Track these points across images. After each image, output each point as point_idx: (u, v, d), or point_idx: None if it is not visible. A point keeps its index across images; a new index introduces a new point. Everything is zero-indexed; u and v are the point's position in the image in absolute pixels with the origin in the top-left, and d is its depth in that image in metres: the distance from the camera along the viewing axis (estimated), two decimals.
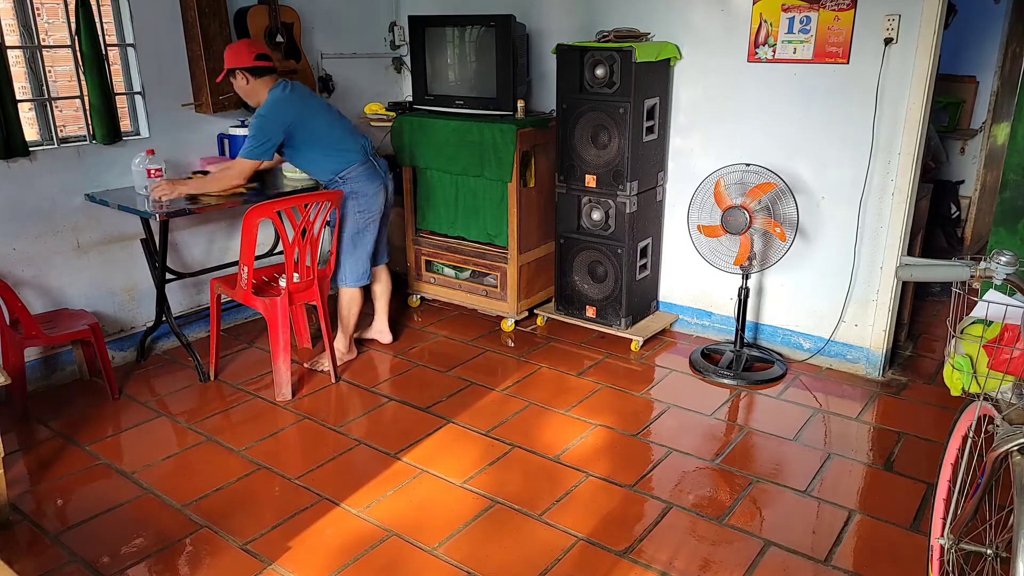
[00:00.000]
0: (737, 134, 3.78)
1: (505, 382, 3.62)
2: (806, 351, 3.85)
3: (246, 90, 3.44)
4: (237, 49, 3.41)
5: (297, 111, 3.40)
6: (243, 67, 3.38)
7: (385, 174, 3.67)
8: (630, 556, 2.45)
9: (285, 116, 3.37)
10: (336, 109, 3.64)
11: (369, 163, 3.58)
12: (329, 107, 3.61)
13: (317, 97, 3.63)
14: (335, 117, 3.57)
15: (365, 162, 3.56)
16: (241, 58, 3.38)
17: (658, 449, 3.07)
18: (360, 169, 3.55)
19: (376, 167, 3.62)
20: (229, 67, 3.40)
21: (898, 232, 3.47)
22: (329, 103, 3.66)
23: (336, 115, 3.59)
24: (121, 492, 2.78)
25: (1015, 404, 1.79)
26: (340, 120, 3.58)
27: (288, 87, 3.45)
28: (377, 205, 3.64)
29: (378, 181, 3.61)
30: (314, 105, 3.51)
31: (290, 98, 3.41)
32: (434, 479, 2.87)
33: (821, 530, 2.58)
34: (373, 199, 3.60)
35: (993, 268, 1.70)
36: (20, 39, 3.39)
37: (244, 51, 3.39)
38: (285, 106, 3.38)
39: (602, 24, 4.00)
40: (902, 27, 3.25)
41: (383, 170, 3.66)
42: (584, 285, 4.06)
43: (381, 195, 3.64)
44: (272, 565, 2.41)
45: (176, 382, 3.63)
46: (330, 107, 3.62)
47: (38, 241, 3.46)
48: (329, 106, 3.62)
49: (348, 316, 3.76)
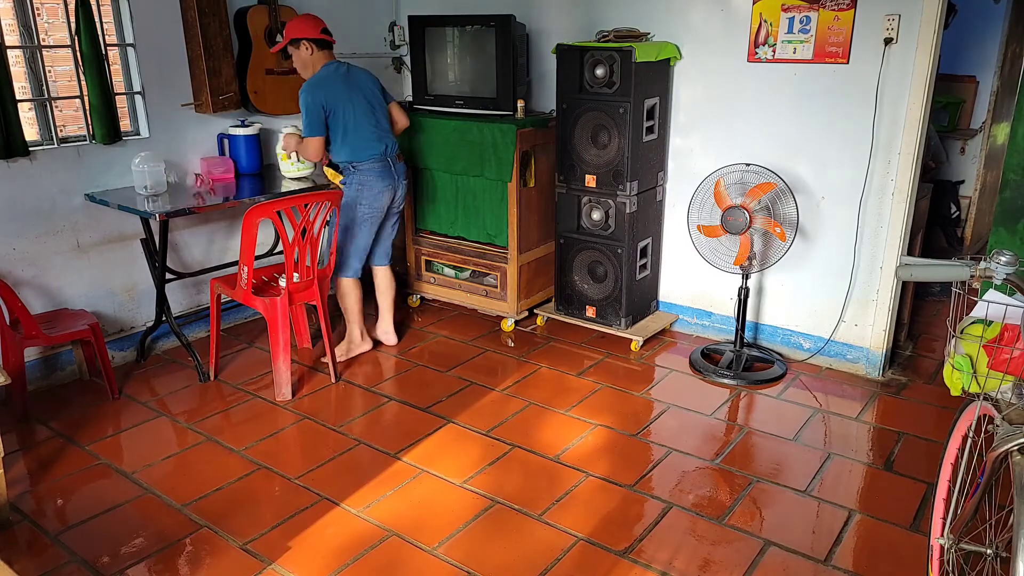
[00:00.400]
0: (737, 134, 3.78)
1: (505, 382, 3.62)
2: (806, 351, 3.85)
3: (306, 60, 3.54)
4: (304, 21, 3.52)
5: (329, 94, 3.48)
6: (310, 37, 3.48)
7: (398, 178, 3.68)
8: (630, 556, 2.45)
9: (317, 96, 3.46)
10: (378, 103, 3.63)
11: (384, 162, 3.61)
12: (370, 100, 3.59)
13: (365, 86, 3.60)
14: (368, 111, 3.57)
15: (380, 160, 3.60)
16: (308, 29, 3.50)
17: (658, 449, 3.07)
18: (374, 165, 3.59)
19: (391, 168, 3.63)
20: (296, 36, 3.49)
21: (898, 232, 3.47)
22: (376, 95, 3.63)
23: (371, 109, 3.58)
24: (121, 492, 2.78)
25: (1015, 404, 1.79)
26: (372, 116, 3.58)
27: (337, 68, 3.53)
28: (380, 204, 3.64)
29: (387, 181, 3.63)
30: (352, 93, 3.53)
31: (327, 80, 3.49)
32: (434, 479, 2.87)
33: (821, 530, 2.58)
34: (377, 197, 3.62)
35: (993, 268, 1.70)
36: (20, 39, 3.39)
37: (312, 23, 3.51)
38: (318, 87, 3.48)
39: (602, 24, 4.01)
40: (902, 27, 3.25)
41: (397, 174, 3.67)
42: (584, 285, 4.06)
43: (386, 196, 3.65)
44: (272, 565, 2.41)
45: (176, 382, 3.63)
46: (372, 100, 3.60)
47: (38, 241, 3.46)
48: (372, 98, 3.61)
49: (344, 306, 3.81)
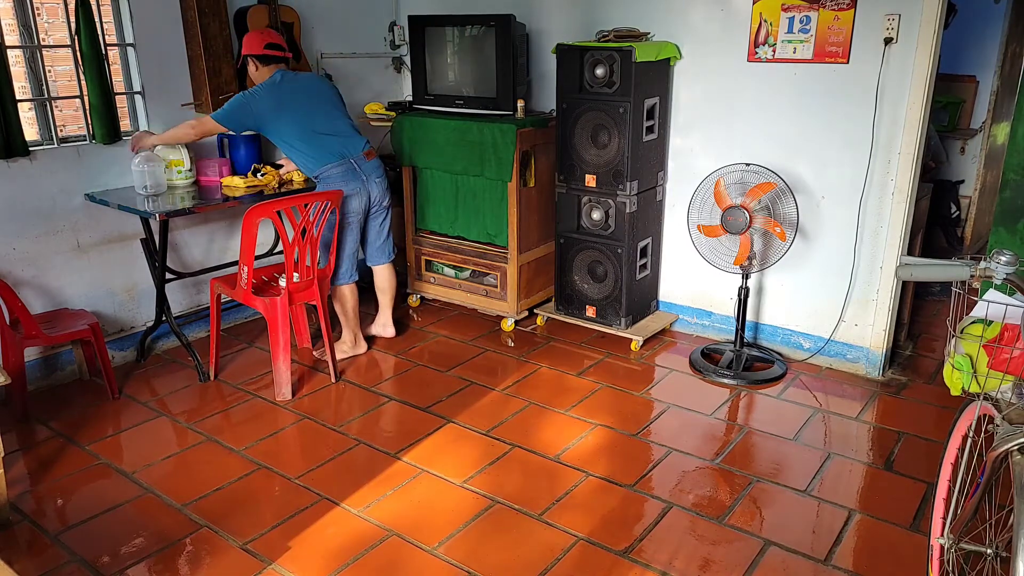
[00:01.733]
0: (737, 134, 3.78)
1: (505, 382, 3.62)
2: (806, 351, 3.85)
3: (255, 76, 3.57)
4: (251, 37, 3.55)
5: (270, 105, 3.45)
6: (253, 54, 3.52)
7: (368, 178, 3.62)
8: (630, 556, 2.45)
9: (256, 105, 3.44)
10: (334, 108, 3.62)
11: (347, 165, 3.56)
12: (322, 106, 3.57)
13: (316, 94, 3.58)
14: (321, 117, 3.54)
15: (341, 164, 3.55)
16: (252, 46, 3.52)
17: (658, 449, 3.07)
18: (335, 170, 3.55)
19: (356, 169, 3.58)
20: (243, 53, 3.53)
21: (898, 232, 3.47)
22: (330, 101, 3.62)
23: (325, 114, 3.56)
24: (121, 492, 2.78)
25: (1015, 404, 1.79)
26: (327, 121, 3.55)
27: (281, 78, 3.50)
28: (353, 207, 3.63)
29: (355, 183, 3.59)
30: (299, 102, 3.50)
31: (269, 90, 3.47)
32: (434, 479, 2.87)
33: (821, 530, 2.58)
34: (347, 200, 3.61)
35: (993, 268, 1.70)
36: (20, 39, 3.39)
37: (256, 39, 3.53)
38: (260, 96, 3.45)
39: (602, 24, 4.00)
40: (902, 27, 3.24)
41: (365, 173, 3.61)
42: (584, 285, 4.06)
43: (358, 198, 3.62)
44: (272, 565, 2.41)
45: (176, 382, 3.63)
46: (326, 105, 3.58)
47: (38, 241, 3.46)
48: (325, 104, 3.59)
49: (340, 312, 3.84)
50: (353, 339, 3.89)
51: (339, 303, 3.81)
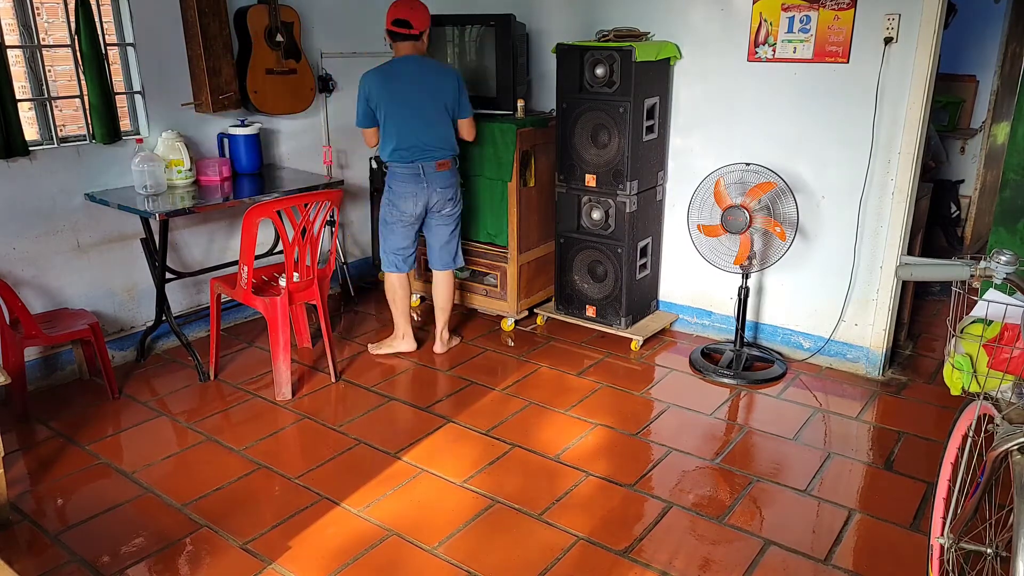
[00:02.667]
0: (737, 133, 3.78)
1: (505, 382, 3.62)
2: (806, 350, 3.85)
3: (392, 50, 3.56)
4: (389, 9, 3.46)
5: (371, 90, 3.48)
6: (386, 28, 3.50)
7: (430, 186, 3.56)
8: (630, 555, 2.45)
9: (362, 90, 3.51)
10: (433, 107, 3.50)
11: (413, 167, 3.52)
12: (422, 101, 3.47)
13: (424, 86, 3.47)
14: (409, 112, 3.46)
15: (408, 164, 3.53)
16: (387, 19, 3.46)
17: (658, 448, 3.07)
18: (401, 168, 3.55)
19: (420, 175, 3.53)
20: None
21: (898, 231, 3.47)
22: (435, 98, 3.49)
23: (417, 112, 3.47)
24: (121, 492, 2.78)
25: (1015, 403, 1.79)
26: (412, 118, 3.47)
27: (390, 64, 3.49)
28: (406, 209, 3.61)
29: (412, 187, 3.56)
30: (395, 91, 3.45)
31: (373, 75, 3.49)
32: (434, 479, 2.87)
33: (821, 529, 2.58)
34: (402, 200, 3.59)
35: (993, 267, 1.70)
36: (20, 38, 3.39)
37: (390, 13, 3.45)
38: (364, 82, 3.50)
39: (602, 23, 4.00)
40: (902, 26, 3.24)
41: (429, 181, 3.55)
42: (584, 284, 4.06)
43: (411, 202, 3.59)
44: (272, 565, 2.41)
45: (176, 382, 3.63)
46: (425, 102, 3.48)
47: (38, 241, 3.46)
48: (427, 100, 3.48)
49: (390, 301, 3.85)
50: (400, 334, 3.89)
51: (387, 290, 3.85)
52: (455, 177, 3.69)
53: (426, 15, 3.46)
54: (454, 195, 3.70)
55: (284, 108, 4.17)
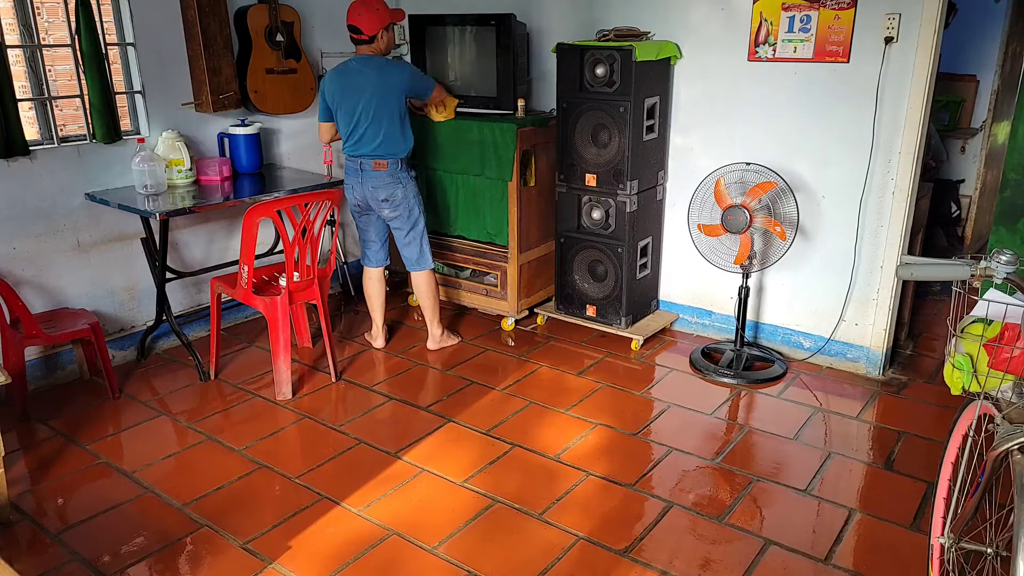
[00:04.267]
0: (737, 133, 3.78)
1: (505, 381, 3.62)
2: (806, 350, 3.85)
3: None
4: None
5: (327, 87, 3.57)
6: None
7: (365, 182, 3.61)
8: (630, 555, 2.45)
9: (321, 86, 3.63)
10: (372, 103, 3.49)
11: (355, 161, 3.61)
12: (363, 98, 3.48)
13: (366, 83, 3.48)
14: (356, 109, 3.50)
15: (352, 158, 3.62)
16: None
17: (658, 448, 3.07)
18: (348, 161, 3.66)
19: (358, 170, 3.61)
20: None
21: (898, 231, 3.46)
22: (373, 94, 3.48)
23: (360, 108, 3.49)
24: (121, 491, 2.78)
25: (1015, 403, 1.79)
26: (358, 115, 3.50)
27: (346, 63, 3.56)
28: (351, 200, 3.74)
29: (352, 180, 3.66)
30: (346, 88, 3.50)
31: (331, 73, 3.58)
32: (434, 478, 2.87)
33: (821, 529, 2.58)
34: (348, 191, 3.73)
35: (994, 267, 1.70)
36: (20, 38, 3.39)
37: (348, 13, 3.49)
38: (324, 79, 3.62)
39: (602, 23, 4.00)
40: (902, 26, 3.24)
41: (362, 178, 3.60)
42: (584, 284, 4.05)
43: (351, 194, 3.70)
44: (272, 564, 2.41)
45: (176, 381, 3.63)
46: (367, 99, 3.48)
47: (38, 240, 3.46)
48: (367, 98, 3.48)
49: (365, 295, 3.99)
50: (373, 329, 4.00)
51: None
52: (395, 181, 3.61)
53: (376, 18, 3.46)
54: (390, 197, 3.62)
55: (284, 108, 4.18)
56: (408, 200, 3.68)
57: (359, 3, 3.46)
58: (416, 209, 3.73)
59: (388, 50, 3.62)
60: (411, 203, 3.70)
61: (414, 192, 3.71)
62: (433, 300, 3.90)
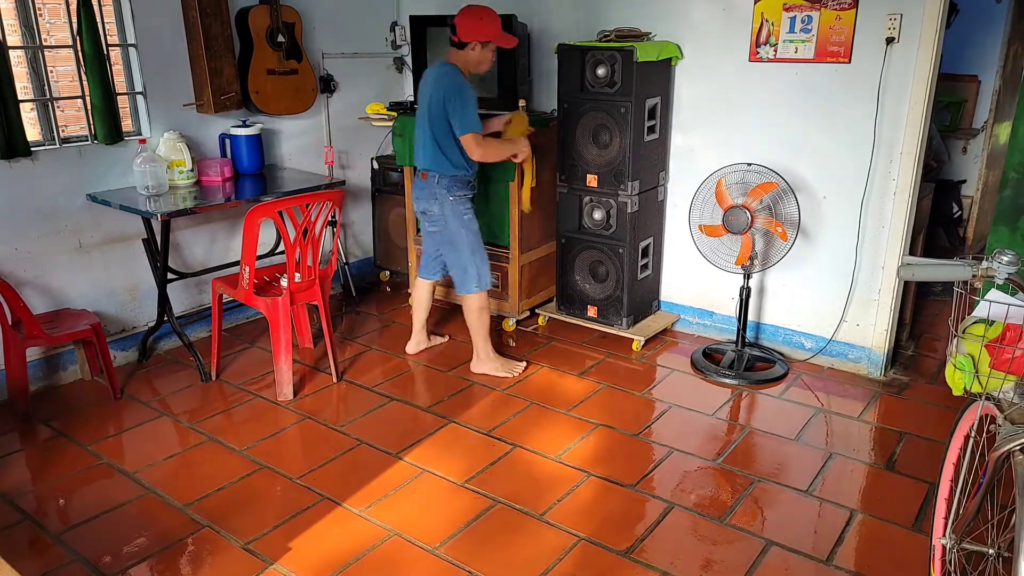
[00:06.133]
0: (738, 134, 3.78)
1: (506, 382, 3.62)
2: (808, 351, 3.85)
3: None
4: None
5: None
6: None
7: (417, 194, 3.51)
8: (631, 556, 2.45)
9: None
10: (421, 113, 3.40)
11: (413, 172, 3.50)
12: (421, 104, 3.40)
13: (424, 86, 3.39)
14: (419, 114, 3.42)
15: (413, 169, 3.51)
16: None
17: (659, 449, 3.07)
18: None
19: (416, 181, 3.51)
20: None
21: (900, 232, 3.46)
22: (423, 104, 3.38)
23: (421, 113, 3.41)
24: (123, 492, 2.79)
25: (1017, 404, 1.79)
26: (419, 119, 3.43)
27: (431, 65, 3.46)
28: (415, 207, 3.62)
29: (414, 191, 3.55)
30: (420, 90, 3.42)
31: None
32: (435, 479, 2.87)
33: (823, 530, 2.58)
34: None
35: (995, 267, 1.70)
36: (22, 39, 3.39)
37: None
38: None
39: (603, 24, 4.00)
40: (904, 26, 3.24)
41: (418, 189, 3.50)
42: (585, 285, 4.05)
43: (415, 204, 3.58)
44: (273, 565, 2.41)
45: (178, 382, 3.63)
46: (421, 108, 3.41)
47: (40, 241, 3.46)
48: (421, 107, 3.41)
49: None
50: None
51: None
52: (431, 195, 3.44)
53: (476, 28, 3.27)
54: (427, 211, 3.48)
55: (285, 108, 4.18)
56: (446, 219, 3.45)
57: (472, 7, 3.32)
58: (459, 232, 3.47)
59: (477, 67, 3.37)
60: (451, 224, 3.46)
61: (452, 212, 3.44)
62: (474, 321, 3.63)
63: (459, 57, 3.34)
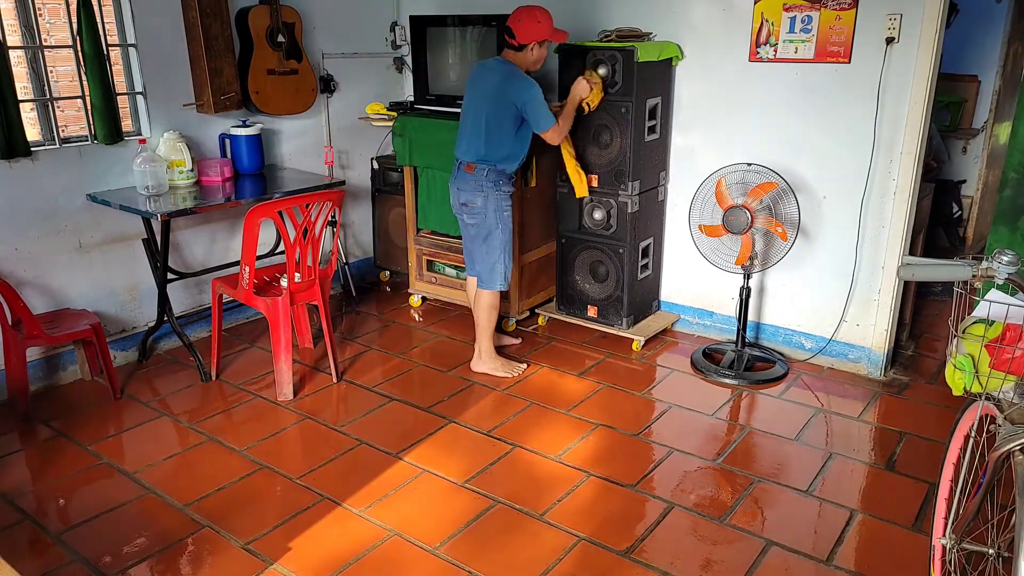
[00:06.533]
0: (738, 134, 3.78)
1: (506, 382, 3.62)
2: (807, 351, 3.85)
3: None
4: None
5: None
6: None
7: (455, 182, 3.50)
8: (631, 556, 2.45)
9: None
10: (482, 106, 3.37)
11: (456, 165, 3.49)
12: (470, 100, 3.42)
13: (476, 85, 3.42)
14: (475, 107, 3.40)
15: (456, 162, 3.50)
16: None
17: (659, 449, 3.07)
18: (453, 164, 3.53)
19: (456, 173, 3.50)
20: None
21: (900, 231, 3.46)
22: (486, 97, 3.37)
23: (466, 109, 3.44)
24: (123, 492, 2.79)
25: (1017, 404, 1.79)
26: (474, 113, 3.40)
27: (483, 61, 3.48)
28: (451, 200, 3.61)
29: (452, 183, 3.54)
30: (474, 83, 3.43)
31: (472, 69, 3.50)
32: (435, 479, 2.87)
33: (823, 530, 2.58)
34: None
35: (995, 267, 1.70)
36: (22, 39, 3.39)
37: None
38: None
39: (604, 24, 4.00)
40: (904, 26, 3.24)
41: (459, 181, 3.47)
42: (585, 285, 4.05)
43: (452, 196, 3.56)
44: (273, 565, 2.41)
45: (178, 382, 3.63)
46: (472, 101, 3.42)
47: (40, 241, 3.46)
48: (473, 100, 3.42)
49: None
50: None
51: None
52: (477, 187, 3.43)
53: (535, 29, 3.30)
54: (469, 202, 3.46)
55: (285, 108, 4.18)
56: (487, 211, 3.46)
57: (525, 9, 3.31)
58: (496, 226, 3.49)
59: (534, 65, 3.42)
60: (490, 216, 3.47)
61: (495, 207, 3.45)
62: (483, 318, 3.63)
63: (517, 58, 3.38)
